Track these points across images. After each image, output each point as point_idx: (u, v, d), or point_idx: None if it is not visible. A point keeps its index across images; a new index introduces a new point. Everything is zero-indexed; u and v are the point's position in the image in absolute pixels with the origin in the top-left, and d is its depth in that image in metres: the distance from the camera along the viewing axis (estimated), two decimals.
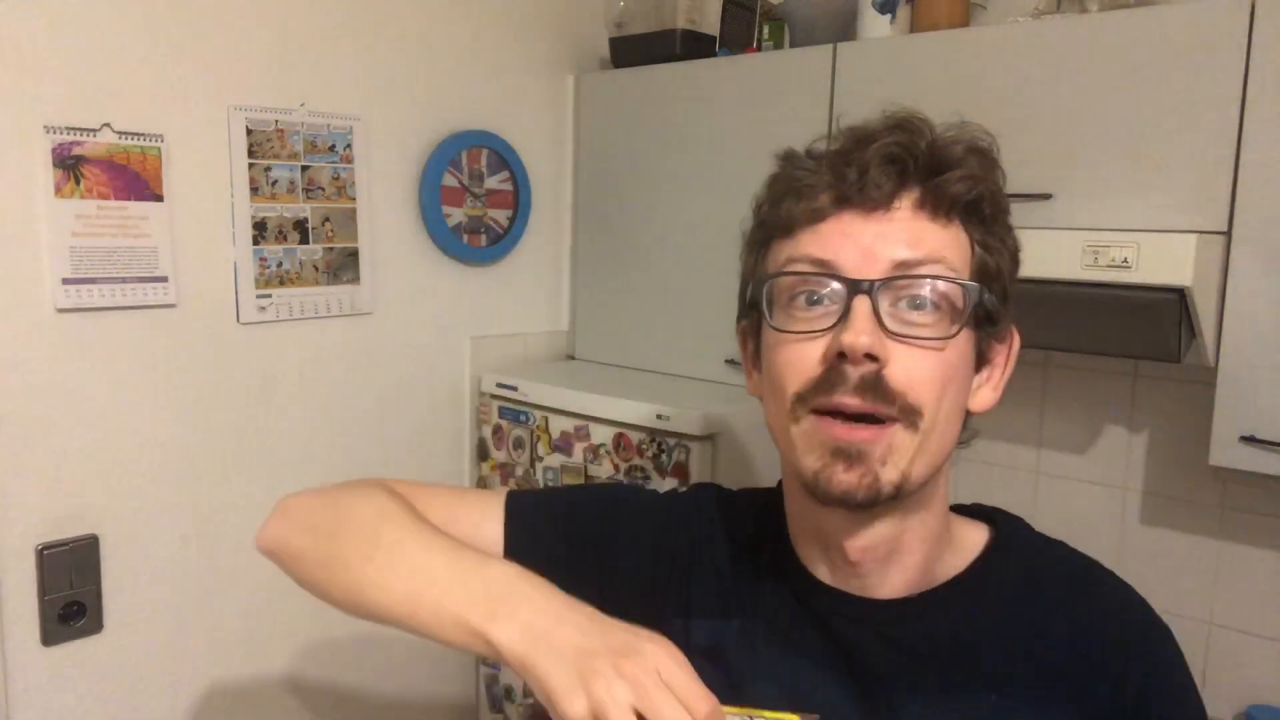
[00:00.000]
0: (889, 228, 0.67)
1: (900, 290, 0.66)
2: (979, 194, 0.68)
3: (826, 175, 0.68)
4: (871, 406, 0.65)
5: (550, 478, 1.82)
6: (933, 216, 0.68)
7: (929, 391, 0.66)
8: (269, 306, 1.64)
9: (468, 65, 1.92)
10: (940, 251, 0.67)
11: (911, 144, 0.67)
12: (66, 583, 1.45)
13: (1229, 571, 1.58)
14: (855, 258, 0.66)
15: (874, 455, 0.66)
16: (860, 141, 0.68)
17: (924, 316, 0.66)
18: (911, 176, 0.68)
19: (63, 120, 1.38)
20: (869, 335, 0.64)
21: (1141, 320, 1.29)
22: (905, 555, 0.74)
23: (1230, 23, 1.24)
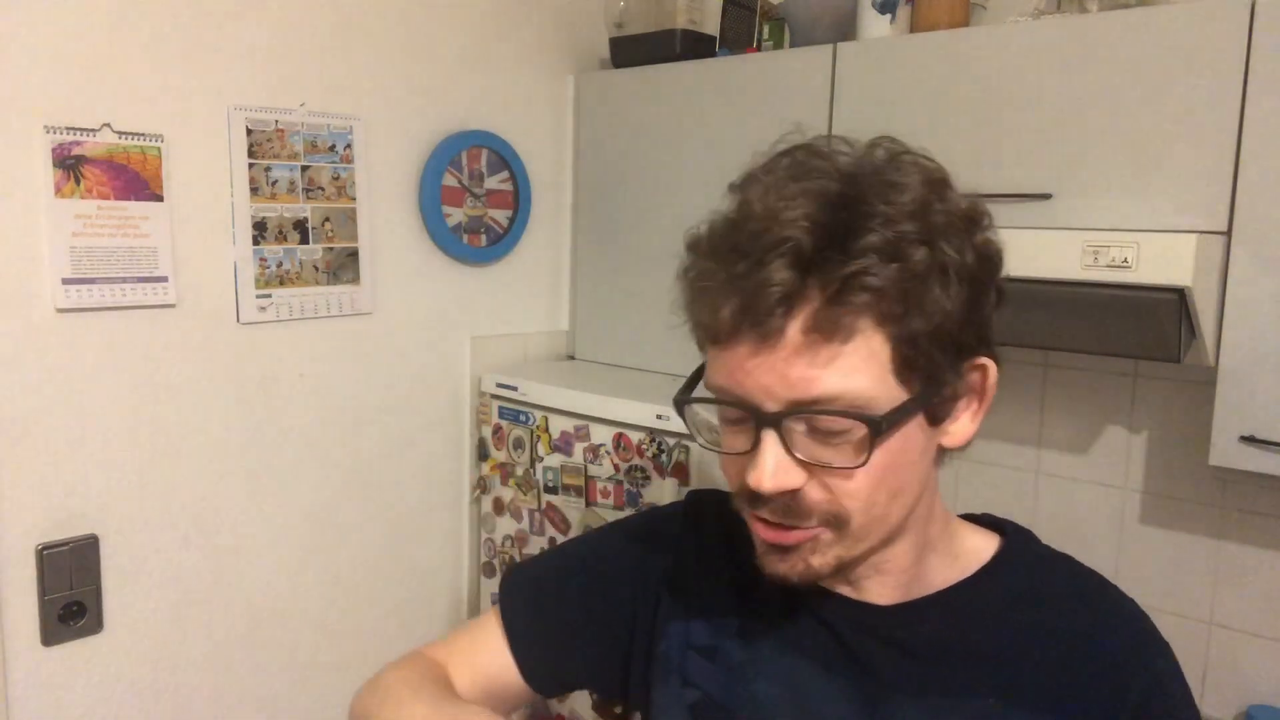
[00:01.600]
0: (782, 362, 0.63)
1: (803, 421, 0.65)
2: (886, 292, 0.61)
3: (727, 289, 0.64)
4: (792, 522, 0.67)
5: (550, 478, 1.82)
6: (828, 340, 0.62)
7: (854, 503, 0.66)
8: (269, 306, 1.64)
9: (468, 65, 1.92)
10: (841, 380, 0.62)
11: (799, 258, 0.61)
12: (66, 583, 1.45)
13: (1229, 571, 1.58)
14: (756, 392, 0.64)
15: (803, 550, 0.68)
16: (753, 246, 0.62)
17: (834, 440, 0.64)
18: (800, 300, 0.62)
19: (63, 120, 1.38)
20: (772, 478, 0.64)
21: (1141, 320, 1.29)
22: (887, 575, 0.75)
23: (1230, 23, 1.24)
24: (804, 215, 0.61)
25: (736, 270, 0.63)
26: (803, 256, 0.61)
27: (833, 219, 0.61)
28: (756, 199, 0.65)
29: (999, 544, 0.79)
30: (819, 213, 0.62)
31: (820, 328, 0.62)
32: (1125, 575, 1.69)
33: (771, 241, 0.62)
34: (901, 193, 0.63)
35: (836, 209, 0.62)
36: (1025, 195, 1.41)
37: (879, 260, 0.61)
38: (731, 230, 0.66)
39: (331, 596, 1.81)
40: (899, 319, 0.63)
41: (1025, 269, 1.32)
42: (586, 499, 1.77)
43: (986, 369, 0.71)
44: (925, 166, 0.68)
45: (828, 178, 0.64)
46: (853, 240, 0.61)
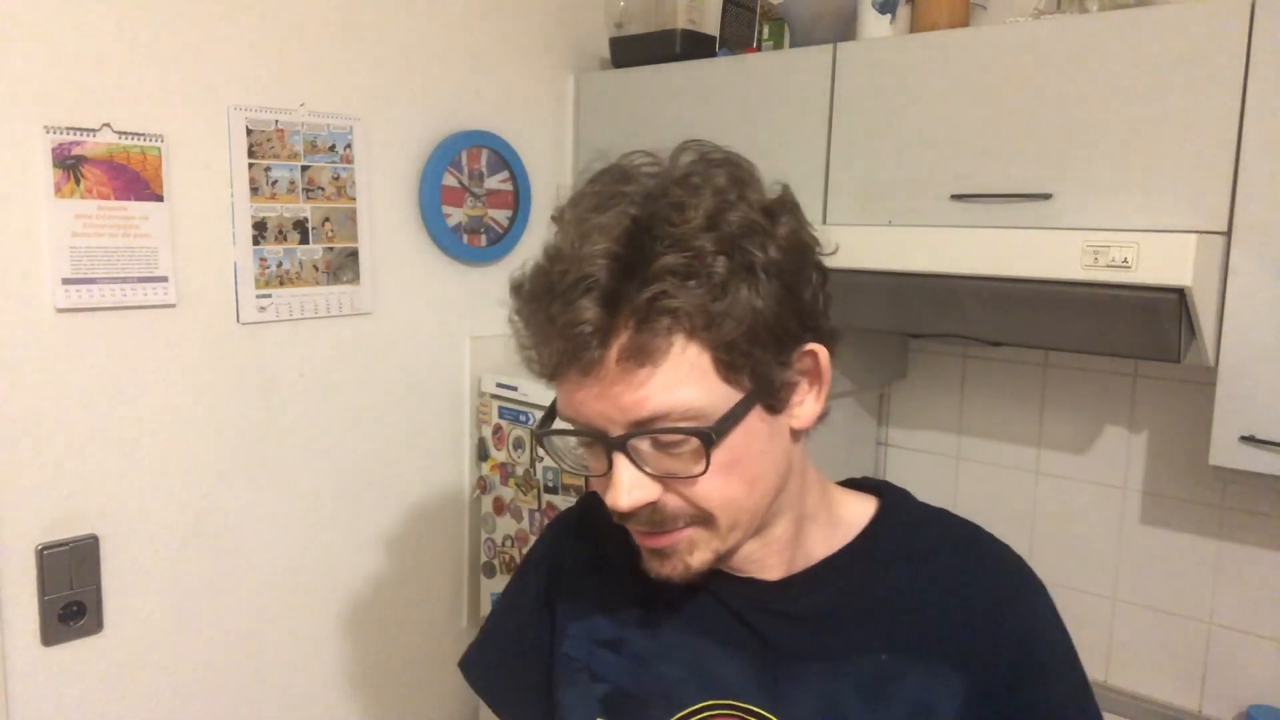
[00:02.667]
0: (609, 390, 0.66)
1: (646, 439, 0.68)
2: (691, 313, 0.65)
3: (549, 331, 0.67)
4: (658, 530, 0.71)
5: (550, 478, 1.82)
6: (641, 364, 0.65)
7: (712, 500, 0.70)
8: (269, 306, 1.64)
9: (468, 65, 1.92)
10: (668, 392, 0.66)
11: (601, 293, 0.64)
12: (66, 583, 1.45)
13: (1229, 571, 1.58)
14: (596, 419, 0.68)
15: (679, 550, 0.72)
16: (561, 289, 0.66)
17: (677, 451, 0.68)
18: (611, 334, 0.65)
19: (63, 120, 1.38)
20: (628, 495, 0.68)
21: (1141, 320, 1.29)
22: (775, 550, 0.79)
23: (1230, 23, 1.24)
24: (603, 251, 0.65)
25: (551, 311, 0.66)
26: (606, 292, 0.65)
27: (628, 250, 0.65)
28: (563, 239, 0.69)
29: (876, 506, 0.83)
30: (615, 246, 0.65)
31: (633, 355, 0.65)
32: (1125, 575, 1.69)
33: (575, 280, 0.65)
34: (694, 210, 0.66)
35: (632, 238, 0.65)
36: (1025, 195, 1.41)
37: (676, 280, 0.64)
38: (543, 273, 0.69)
39: (331, 596, 1.81)
40: (708, 328, 0.66)
41: (1025, 269, 1.32)
42: None
43: (817, 354, 0.73)
44: (728, 169, 0.72)
45: (627, 202, 0.68)
46: (647, 267, 0.64)
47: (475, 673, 0.97)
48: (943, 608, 0.77)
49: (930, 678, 0.75)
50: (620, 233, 0.66)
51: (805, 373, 0.74)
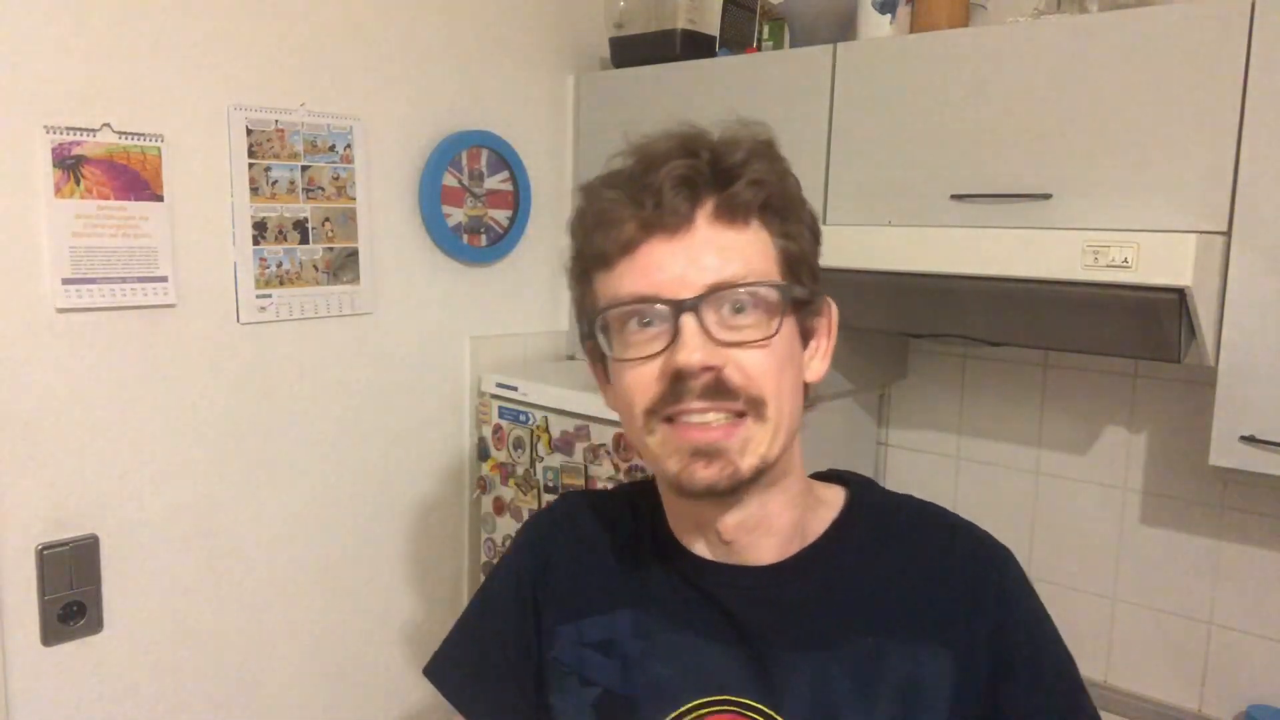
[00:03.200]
0: (695, 249, 0.72)
1: (719, 303, 0.72)
2: (768, 193, 0.74)
3: (629, 206, 0.73)
4: (719, 404, 0.71)
5: (550, 478, 1.82)
6: (730, 225, 0.73)
7: (769, 382, 0.72)
8: (269, 306, 1.64)
9: (468, 65, 1.92)
10: (746, 259, 0.73)
11: (696, 163, 0.73)
12: (66, 583, 1.45)
13: (1229, 571, 1.58)
14: (672, 282, 0.71)
15: (732, 449, 0.72)
16: (650, 166, 0.73)
17: (746, 319, 0.72)
18: (703, 192, 0.73)
19: (63, 120, 1.38)
20: (700, 350, 0.70)
21: (1141, 320, 1.29)
22: (773, 522, 0.80)
23: (1230, 23, 1.24)
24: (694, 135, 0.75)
25: (642, 182, 0.73)
26: (698, 162, 0.73)
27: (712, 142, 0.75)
28: (640, 149, 0.76)
29: (845, 494, 0.86)
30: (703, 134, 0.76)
31: (722, 216, 0.73)
32: (1125, 575, 1.69)
33: (666, 154, 0.73)
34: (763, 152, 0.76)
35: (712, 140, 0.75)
36: (1025, 195, 1.41)
37: (761, 166, 0.74)
38: (626, 162, 0.76)
39: (331, 596, 1.81)
40: (780, 222, 0.75)
41: (1025, 269, 1.32)
42: None
43: (831, 308, 0.81)
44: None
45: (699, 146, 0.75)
46: (733, 153, 0.74)
47: (447, 677, 0.94)
48: (924, 587, 0.79)
49: (918, 656, 0.77)
50: (697, 153, 0.74)
51: (821, 320, 0.80)
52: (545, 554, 0.92)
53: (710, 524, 0.80)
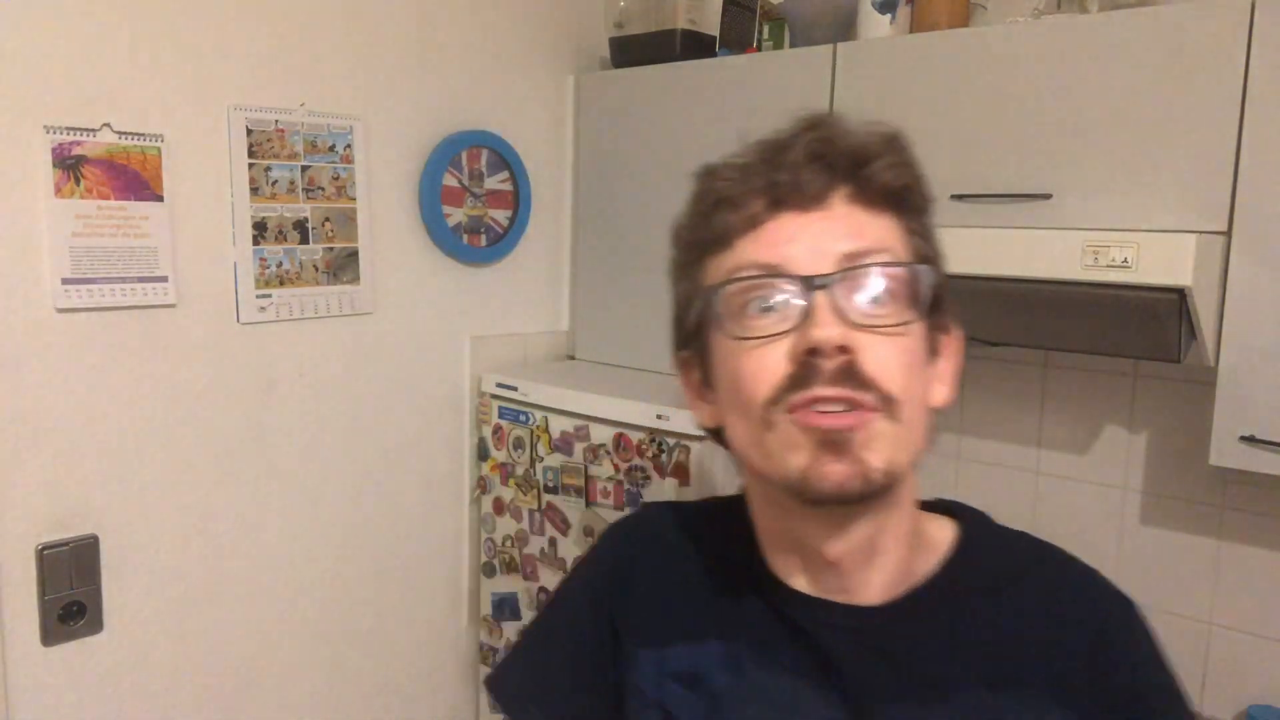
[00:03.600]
0: (829, 223, 0.66)
1: (855, 281, 0.65)
2: (907, 182, 0.69)
3: (756, 181, 0.67)
4: (850, 393, 0.63)
5: (550, 478, 1.82)
6: (866, 208, 0.67)
7: (901, 378, 0.65)
8: (269, 306, 1.64)
9: (468, 65, 1.92)
10: (884, 240, 0.67)
11: (832, 139, 0.67)
12: (66, 583, 1.45)
13: (1229, 571, 1.58)
14: (803, 256, 0.65)
15: (858, 442, 0.64)
16: (779, 147, 0.68)
17: (882, 306, 0.65)
18: (839, 171, 0.67)
19: (63, 120, 1.38)
20: (837, 328, 0.63)
21: (1141, 320, 1.29)
22: (883, 555, 0.71)
23: (1230, 23, 1.24)
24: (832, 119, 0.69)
25: (773, 159, 0.67)
26: (835, 142, 0.67)
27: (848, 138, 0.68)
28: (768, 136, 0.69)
29: (955, 529, 0.77)
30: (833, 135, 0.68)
31: (858, 199, 0.68)
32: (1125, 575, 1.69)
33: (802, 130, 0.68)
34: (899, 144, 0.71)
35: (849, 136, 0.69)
36: (1025, 195, 1.41)
37: (899, 158, 0.68)
38: (755, 146, 0.69)
39: (331, 595, 1.81)
40: (914, 218, 0.69)
41: (1025, 269, 1.32)
42: (586, 499, 1.77)
43: (957, 334, 0.73)
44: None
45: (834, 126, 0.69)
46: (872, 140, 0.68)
47: (508, 691, 0.87)
48: (1045, 641, 0.70)
49: (1034, 713, 0.69)
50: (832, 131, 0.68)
51: (947, 341, 0.72)
52: (626, 568, 0.83)
53: (815, 547, 0.71)
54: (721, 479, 1.65)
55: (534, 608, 1.89)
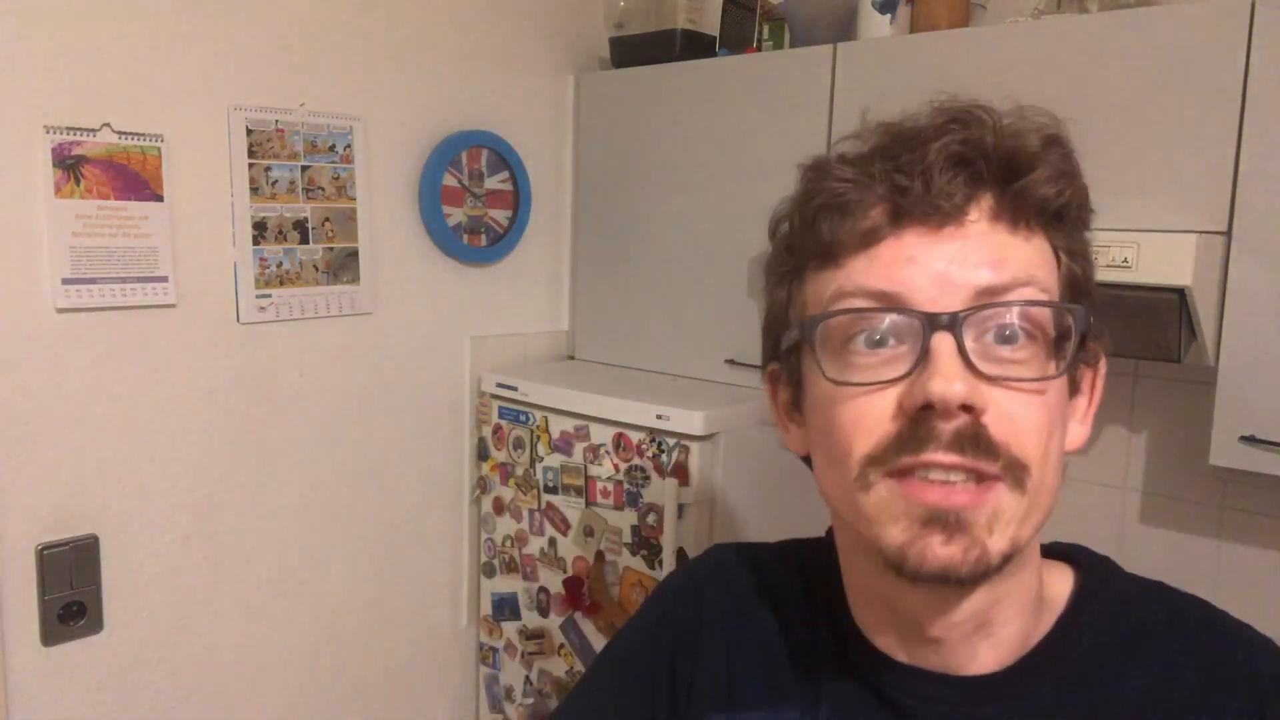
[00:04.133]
0: (965, 246, 0.54)
1: (990, 323, 0.53)
2: (1066, 198, 0.56)
3: (878, 186, 0.56)
4: (973, 463, 0.52)
5: (550, 478, 1.82)
6: (1013, 228, 0.55)
7: (1035, 443, 0.54)
8: (269, 306, 1.64)
9: (468, 65, 1.92)
10: (1029, 270, 0.55)
11: (979, 141, 0.55)
12: (66, 583, 1.45)
13: (1229, 571, 1.58)
14: (928, 286, 0.54)
15: (978, 523, 0.53)
16: (911, 141, 0.56)
17: (1019, 352, 0.54)
18: (985, 181, 0.55)
19: (63, 120, 1.38)
20: (963, 381, 0.51)
21: (1141, 320, 1.29)
22: (999, 627, 0.60)
23: (1230, 23, 1.24)
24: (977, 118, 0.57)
25: (900, 159, 0.56)
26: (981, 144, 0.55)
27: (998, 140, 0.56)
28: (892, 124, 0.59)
29: (1074, 579, 0.65)
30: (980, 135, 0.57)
31: (1004, 216, 0.55)
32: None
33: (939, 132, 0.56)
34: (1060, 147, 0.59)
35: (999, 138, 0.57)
36: None
37: (1059, 166, 0.56)
38: (880, 133, 0.59)
39: (330, 596, 1.81)
40: (1068, 237, 0.58)
41: None
42: (586, 499, 1.77)
43: (1102, 358, 0.61)
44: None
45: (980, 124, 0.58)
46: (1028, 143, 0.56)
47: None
48: (1187, 702, 0.59)
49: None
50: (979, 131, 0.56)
51: (1089, 373, 0.61)
52: (694, 619, 0.72)
53: (915, 619, 0.60)
54: (723, 479, 1.65)
55: (534, 608, 1.89)
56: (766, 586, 0.72)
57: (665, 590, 0.78)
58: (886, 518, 0.54)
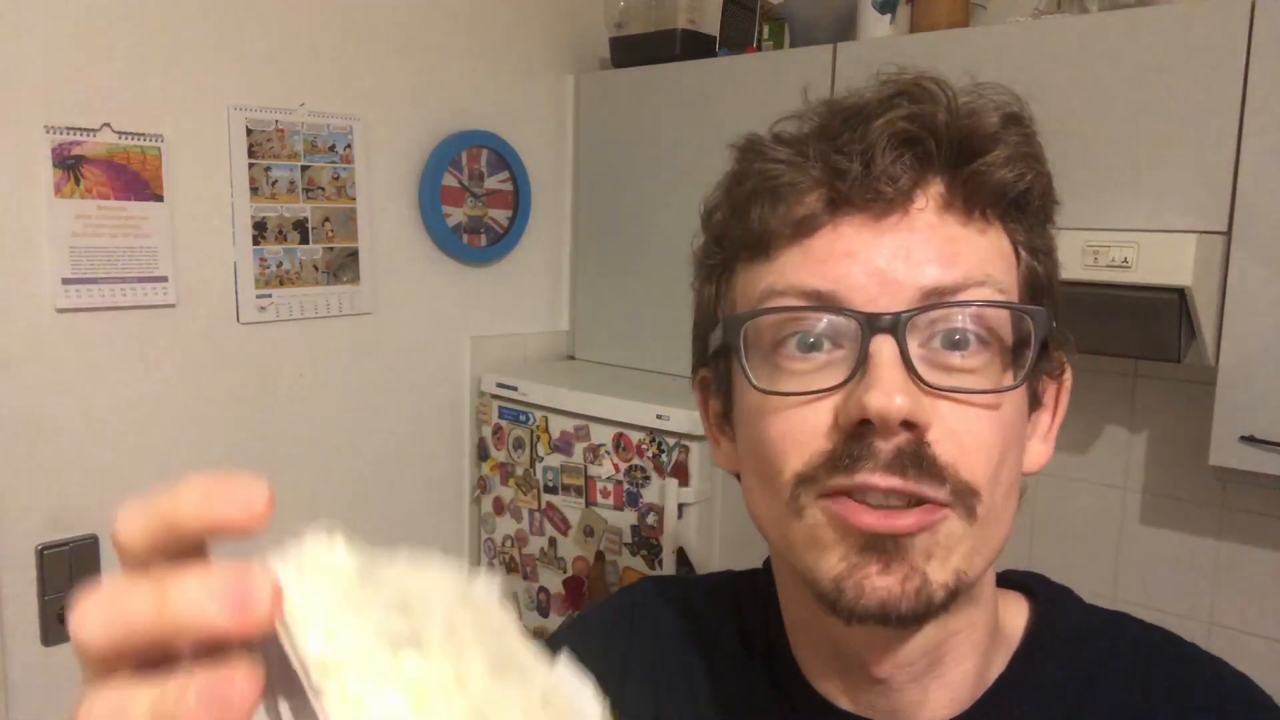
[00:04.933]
0: (910, 238, 0.48)
1: (937, 327, 0.47)
2: (1026, 184, 0.51)
3: (814, 167, 0.49)
4: (915, 486, 0.46)
5: (550, 478, 1.82)
6: (966, 219, 0.49)
7: (985, 465, 0.47)
8: (269, 306, 1.64)
9: (468, 65, 1.92)
10: (983, 267, 0.48)
11: (929, 117, 0.48)
12: (66, 583, 1.45)
13: (1229, 571, 1.58)
14: (867, 284, 0.47)
15: (919, 549, 0.47)
16: (855, 117, 0.49)
17: (970, 360, 0.48)
18: (935, 163, 0.49)
19: (63, 120, 1.38)
20: (904, 394, 0.45)
21: (1141, 320, 1.29)
22: (951, 666, 0.54)
23: (1230, 23, 1.24)
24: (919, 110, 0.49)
25: (839, 138, 0.49)
26: (933, 121, 0.48)
27: (951, 117, 0.49)
28: (844, 97, 0.52)
29: (1029, 611, 0.59)
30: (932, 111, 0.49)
31: (955, 203, 0.49)
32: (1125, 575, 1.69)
33: (883, 104, 0.49)
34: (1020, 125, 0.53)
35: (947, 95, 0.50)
36: None
37: (1019, 148, 0.50)
38: (822, 109, 0.52)
39: None
40: (1028, 230, 0.52)
41: None
42: (586, 499, 1.77)
43: (1068, 370, 0.56)
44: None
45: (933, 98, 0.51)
46: (985, 121, 0.50)
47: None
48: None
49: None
50: (931, 106, 0.49)
51: (1052, 386, 0.55)
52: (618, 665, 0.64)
53: (859, 660, 0.53)
54: (723, 479, 1.65)
55: (534, 608, 1.89)
56: (697, 627, 0.64)
57: (585, 627, 0.69)
58: (820, 546, 0.48)
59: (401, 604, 0.28)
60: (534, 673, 0.30)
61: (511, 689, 0.28)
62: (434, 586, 0.30)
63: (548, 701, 0.29)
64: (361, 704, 0.25)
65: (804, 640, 0.58)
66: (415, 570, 0.30)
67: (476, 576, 0.31)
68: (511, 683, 0.28)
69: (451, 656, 0.27)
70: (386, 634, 0.27)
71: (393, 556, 0.31)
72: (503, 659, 0.29)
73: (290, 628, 0.26)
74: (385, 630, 0.27)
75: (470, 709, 0.27)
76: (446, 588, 0.30)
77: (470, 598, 0.30)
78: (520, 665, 0.30)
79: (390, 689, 0.26)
